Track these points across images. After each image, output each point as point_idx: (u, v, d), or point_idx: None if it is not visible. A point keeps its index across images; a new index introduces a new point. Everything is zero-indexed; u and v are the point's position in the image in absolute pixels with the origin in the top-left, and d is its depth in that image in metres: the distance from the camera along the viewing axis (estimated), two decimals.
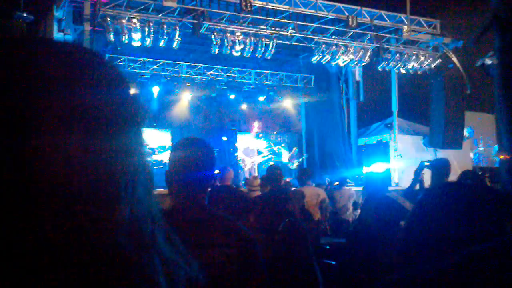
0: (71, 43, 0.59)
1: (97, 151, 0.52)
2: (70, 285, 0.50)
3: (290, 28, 13.07)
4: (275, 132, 18.07)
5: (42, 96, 0.50)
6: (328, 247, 5.57)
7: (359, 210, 6.56)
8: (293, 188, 8.57)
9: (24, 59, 0.51)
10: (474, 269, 0.51)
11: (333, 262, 4.40)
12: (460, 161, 14.12)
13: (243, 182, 12.51)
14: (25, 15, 9.78)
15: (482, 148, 18.75)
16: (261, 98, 17.35)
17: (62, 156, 0.49)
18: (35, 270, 0.49)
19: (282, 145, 17.56)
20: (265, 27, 12.79)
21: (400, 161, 14.97)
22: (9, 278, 0.48)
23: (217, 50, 12.38)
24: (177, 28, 11.67)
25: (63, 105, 0.50)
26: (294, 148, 17.06)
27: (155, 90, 15.78)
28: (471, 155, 17.97)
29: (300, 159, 16.62)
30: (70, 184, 0.50)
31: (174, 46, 12.06)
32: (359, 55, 13.73)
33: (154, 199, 0.61)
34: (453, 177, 5.37)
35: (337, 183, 9.65)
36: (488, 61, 9.78)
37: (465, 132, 16.06)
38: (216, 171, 2.15)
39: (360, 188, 10.31)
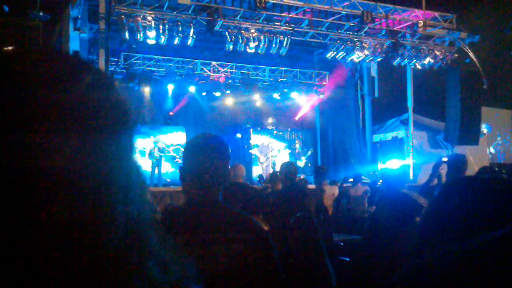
0: (65, 52, 0.62)
1: (91, 153, 0.54)
2: (67, 285, 0.51)
3: (305, 24, 13.04)
4: (289, 129, 18.04)
5: (38, 99, 0.52)
6: (342, 244, 5.55)
7: (374, 207, 6.52)
8: (310, 186, 8.55)
9: (24, 67, 0.54)
10: (487, 255, 0.51)
11: (347, 259, 4.38)
12: (476, 157, 13.96)
13: (257, 179, 12.52)
14: (41, 14, 9.91)
15: (500, 144, 18.48)
16: (276, 96, 17.31)
17: (59, 156, 0.51)
18: (34, 270, 0.50)
19: (297, 141, 17.52)
20: (279, 23, 12.77)
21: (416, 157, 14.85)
22: (9, 278, 0.49)
23: (231, 47, 12.40)
24: (192, 25, 11.72)
25: (57, 108, 0.52)
26: (297, 143, 16.98)
27: (170, 87, 15.92)
28: (491, 150, 17.74)
29: (307, 155, 16.56)
30: (66, 184, 0.52)
31: (188, 43, 12.12)
32: (374, 51, 13.63)
33: (148, 202, 0.63)
34: (469, 173, 5.30)
35: (351, 179, 9.61)
36: None
37: (484, 128, 15.82)
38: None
39: (375, 185, 10.27)
